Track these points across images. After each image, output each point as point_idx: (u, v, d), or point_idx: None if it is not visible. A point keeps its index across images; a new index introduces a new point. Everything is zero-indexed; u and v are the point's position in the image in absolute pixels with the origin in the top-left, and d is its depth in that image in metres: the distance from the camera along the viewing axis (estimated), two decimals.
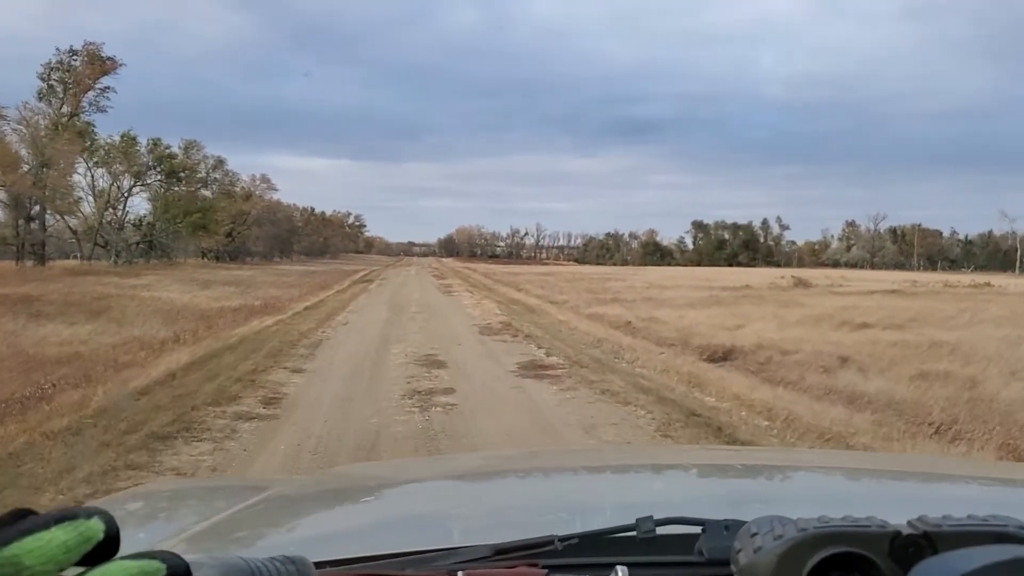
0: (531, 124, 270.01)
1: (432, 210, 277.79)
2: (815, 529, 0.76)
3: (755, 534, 0.80)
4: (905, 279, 50.75)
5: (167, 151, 50.37)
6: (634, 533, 1.04)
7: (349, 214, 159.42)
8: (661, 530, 1.04)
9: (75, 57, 42.21)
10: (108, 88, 43.15)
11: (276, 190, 75.07)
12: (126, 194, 49.87)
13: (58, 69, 41.37)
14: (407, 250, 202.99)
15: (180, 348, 12.76)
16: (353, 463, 5.32)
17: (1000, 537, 0.76)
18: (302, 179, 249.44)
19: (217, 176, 55.53)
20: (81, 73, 41.59)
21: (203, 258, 70.48)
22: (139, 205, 57.68)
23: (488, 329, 16.30)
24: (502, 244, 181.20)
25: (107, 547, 0.42)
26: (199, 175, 55.44)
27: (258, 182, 72.80)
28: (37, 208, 40.76)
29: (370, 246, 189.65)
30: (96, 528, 0.41)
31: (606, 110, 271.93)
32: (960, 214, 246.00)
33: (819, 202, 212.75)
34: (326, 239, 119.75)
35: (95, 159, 48.03)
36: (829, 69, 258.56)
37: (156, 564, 0.44)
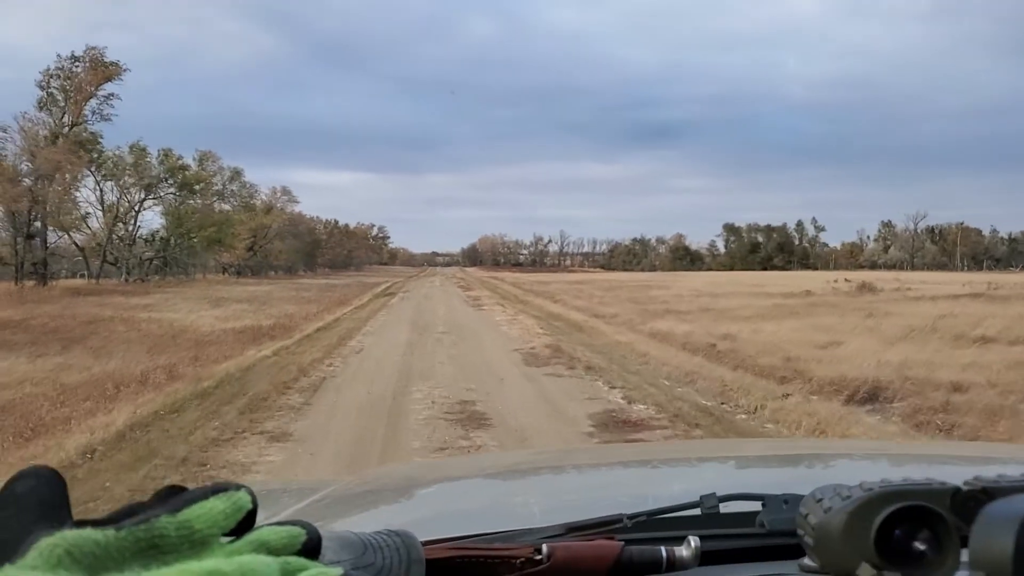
0: (551, 131, 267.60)
1: (454, 220, 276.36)
2: (880, 488, 0.78)
3: (820, 499, 0.82)
4: (967, 280, 46.80)
5: (179, 162, 47.63)
6: (698, 511, 1.08)
7: (372, 226, 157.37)
8: (724, 507, 1.08)
9: (77, 63, 39.57)
10: (112, 95, 40.44)
11: (297, 202, 72.48)
12: (137, 208, 47.17)
13: (58, 76, 38.69)
14: (430, 260, 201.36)
15: (138, 395, 9.61)
16: (401, 463, 4.99)
17: None
18: (326, 193, 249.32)
19: (234, 188, 52.57)
20: (82, 80, 38.87)
21: (224, 273, 67.97)
22: (153, 220, 54.99)
23: (534, 357, 12.97)
24: (525, 252, 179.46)
25: (251, 517, 0.46)
26: (215, 187, 52.65)
27: (279, 194, 70.18)
28: (39, 224, 38.07)
29: (394, 257, 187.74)
30: (245, 499, 0.46)
31: (627, 115, 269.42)
32: (995, 212, 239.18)
33: (845, 204, 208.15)
34: (350, 251, 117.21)
35: (103, 172, 45.41)
36: (854, 70, 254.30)
37: (298, 530, 0.49)
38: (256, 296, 35.46)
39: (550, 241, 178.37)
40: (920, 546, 0.76)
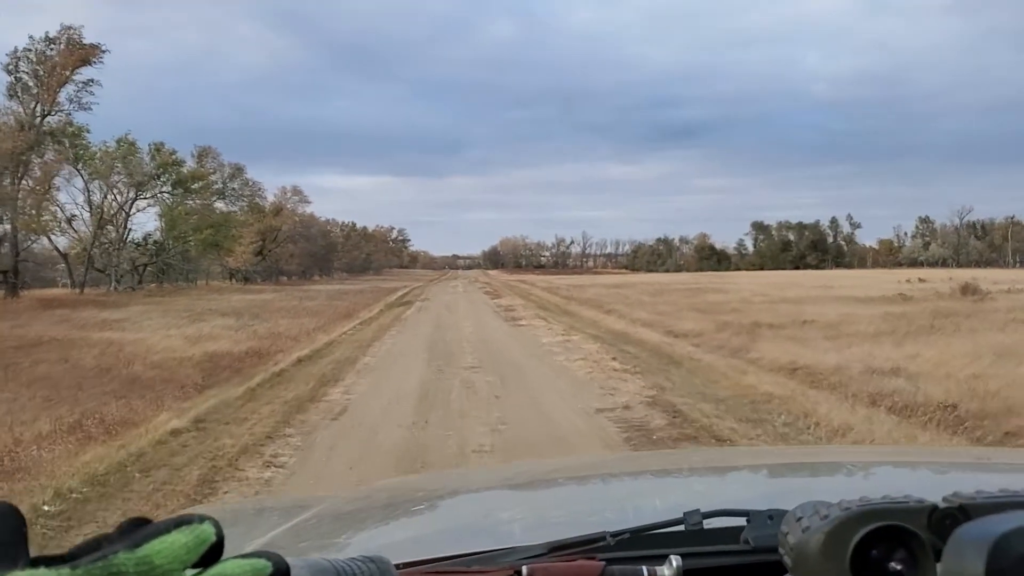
0: (571, 133, 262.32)
1: (475, 223, 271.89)
2: (858, 507, 0.78)
3: (800, 518, 0.82)
4: None
5: (172, 157, 42.33)
6: (682, 527, 1.05)
7: (392, 229, 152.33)
8: (708, 523, 1.05)
9: (52, 45, 34.38)
10: (92, 82, 35.23)
11: (309, 203, 67.17)
12: (126, 209, 41.96)
13: (27, 59, 33.50)
14: (451, 263, 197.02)
15: None
16: (391, 479, 4.41)
17: None
18: (347, 197, 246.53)
19: (235, 187, 47.20)
20: (56, 63, 33.68)
21: (231, 279, 62.83)
22: (149, 223, 49.76)
23: (639, 429, 7.33)
24: (547, 254, 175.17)
25: (217, 549, 0.45)
26: (215, 186, 47.36)
27: (289, 194, 64.87)
28: (7, 227, 32.93)
29: (414, 261, 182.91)
30: (209, 531, 0.45)
31: (647, 115, 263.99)
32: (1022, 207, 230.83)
33: (869, 201, 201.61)
34: (368, 255, 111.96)
35: (91, 169, 40.24)
36: (875, 66, 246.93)
37: (263, 563, 0.47)
38: (251, 307, 30.19)
39: (572, 242, 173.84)
40: (896, 566, 0.76)
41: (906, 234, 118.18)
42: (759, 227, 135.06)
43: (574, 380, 10.37)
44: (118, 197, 42.15)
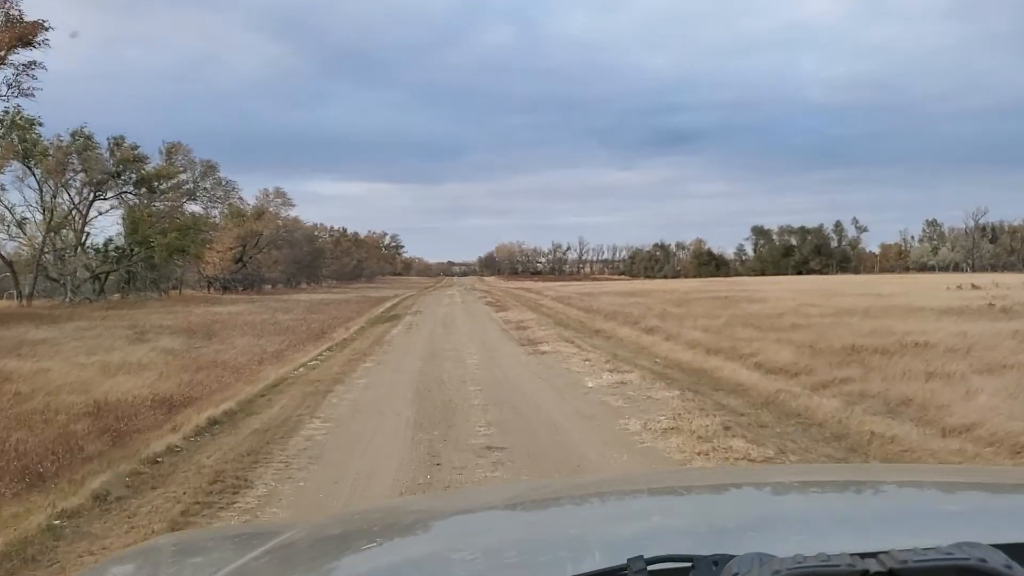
0: (569, 139, 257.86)
1: (471, 229, 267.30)
2: (789, 569, 0.77)
3: (736, 573, 0.82)
4: None
5: (134, 153, 37.23)
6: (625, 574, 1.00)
7: (385, 234, 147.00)
8: (653, 567, 1.00)
9: None
10: (34, 64, 30.15)
11: (292, 205, 61.89)
12: (83, 210, 36.88)
13: None
14: (446, 270, 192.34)
15: None
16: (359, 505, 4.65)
17: (962, 571, 0.77)
18: (342, 204, 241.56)
19: (207, 186, 42.04)
20: None
21: (210, 288, 57.77)
22: (113, 226, 44.50)
23: None
24: (543, 260, 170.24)
25: None
26: (186, 186, 42.23)
27: (271, 197, 59.70)
28: None
29: (408, 267, 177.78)
30: None
31: (644, 121, 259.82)
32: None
33: (867, 206, 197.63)
34: (360, 261, 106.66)
35: (45, 166, 35.19)
36: (872, 71, 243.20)
37: None
38: (214, 322, 25.25)
39: (569, 248, 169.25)
40: None
41: (913, 237, 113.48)
42: (759, 232, 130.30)
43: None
44: (74, 197, 37.14)
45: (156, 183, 37.92)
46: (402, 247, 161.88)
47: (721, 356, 12.83)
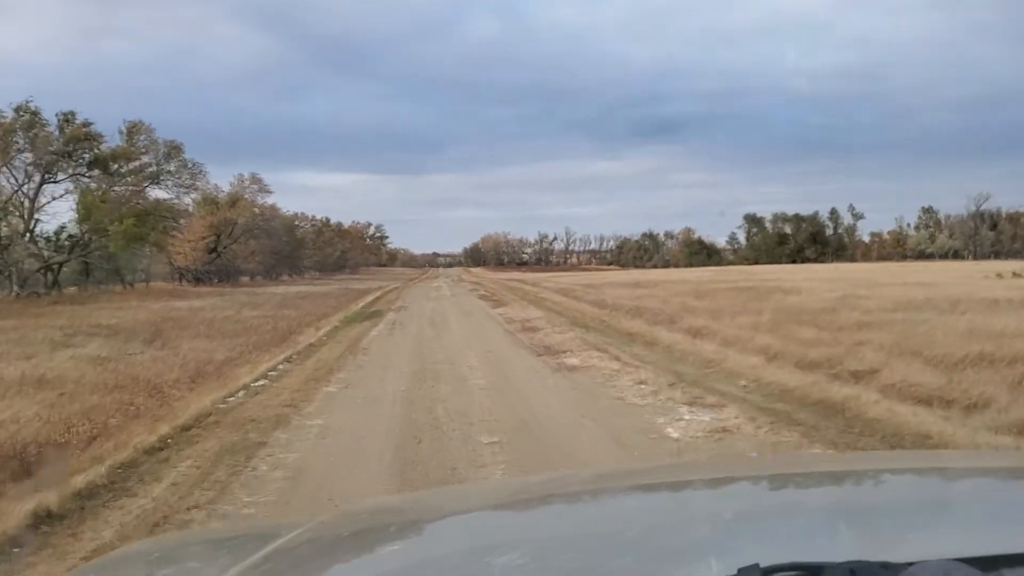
0: (554, 130, 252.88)
1: (456, 220, 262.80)
2: None
3: None
4: None
5: (85, 130, 33.11)
6: None
7: (369, 225, 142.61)
8: None
9: None
10: None
11: (269, 192, 57.75)
12: (29, 194, 32.80)
13: None
14: (432, 261, 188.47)
15: None
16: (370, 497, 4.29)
17: None
18: (327, 195, 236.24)
19: (171, 169, 37.88)
20: None
21: (180, 281, 53.67)
22: (68, 212, 40.26)
23: None
24: (529, 251, 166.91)
25: None
26: (149, 169, 38.12)
27: (247, 183, 55.56)
28: None
29: (393, 258, 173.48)
30: None
31: (629, 112, 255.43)
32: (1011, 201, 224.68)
33: (852, 196, 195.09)
34: (344, 252, 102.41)
35: None
36: (855, 61, 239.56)
37: None
38: (166, 320, 21.62)
39: (555, 238, 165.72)
40: None
41: (909, 224, 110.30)
42: (752, 220, 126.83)
43: None
44: (20, 179, 33.07)
45: (113, 164, 33.81)
46: (387, 238, 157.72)
47: (821, 372, 9.18)
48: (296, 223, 74.76)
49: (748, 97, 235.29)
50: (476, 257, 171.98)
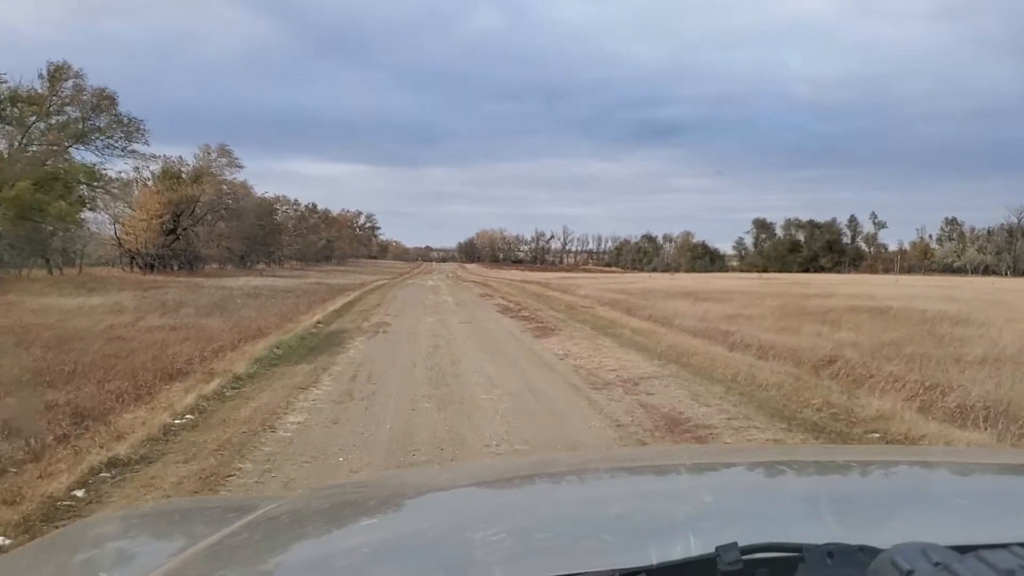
0: (553, 128, 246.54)
1: (451, 215, 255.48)
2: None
3: (910, 572, 0.64)
4: None
5: None
6: (716, 566, 0.81)
7: (359, 214, 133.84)
8: (748, 557, 0.82)
9: None
10: None
11: (239, 167, 49.18)
12: None
13: None
14: (424, 255, 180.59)
15: None
16: (352, 476, 4.25)
17: None
18: (321, 184, 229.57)
19: (100, 125, 29.32)
20: None
21: (132, 267, 45.16)
22: None
23: None
24: (525, 248, 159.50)
25: None
26: (74, 125, 29.58)
27: (213, 155, 46.94)
28: None
29: (385, 251, 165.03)
30: None
31: (629, 113, 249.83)
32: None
33: (851, 206, 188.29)
34: (330, 241, 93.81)
35: None
36: (858, 69, 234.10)
37: None
38: (67, 319, 13.19)
39: (552, 237, 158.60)
40: None
41: (931, 236, 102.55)
42: (761, 225, 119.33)
43: None
44: None
45: (13, 110, 25.29)
46: (378, 228, 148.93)
47: None
48: (277, 206, 66.13)
49: (750, 103, 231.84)
50: (470, 253, 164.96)
